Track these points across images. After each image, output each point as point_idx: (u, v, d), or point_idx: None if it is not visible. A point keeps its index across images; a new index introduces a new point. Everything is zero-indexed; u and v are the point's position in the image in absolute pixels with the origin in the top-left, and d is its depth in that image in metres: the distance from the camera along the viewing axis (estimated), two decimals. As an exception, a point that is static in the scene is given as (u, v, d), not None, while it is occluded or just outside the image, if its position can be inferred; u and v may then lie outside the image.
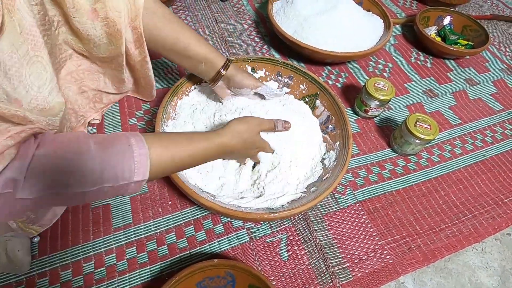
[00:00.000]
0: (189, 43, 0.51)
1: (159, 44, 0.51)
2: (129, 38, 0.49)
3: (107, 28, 0.46)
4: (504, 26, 0.98)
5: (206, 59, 0.52)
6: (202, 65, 0.53)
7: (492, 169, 0.64)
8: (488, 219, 0.56)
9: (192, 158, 0.40)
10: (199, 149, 0.40)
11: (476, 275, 0.51)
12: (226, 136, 0.44)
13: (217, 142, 0.43)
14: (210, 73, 0.54)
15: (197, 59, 0.52)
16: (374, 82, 0.64)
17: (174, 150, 0.38)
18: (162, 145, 0.37)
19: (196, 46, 0.51)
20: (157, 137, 0.38)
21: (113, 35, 0.47)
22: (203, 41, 0.52)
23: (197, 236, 0.50)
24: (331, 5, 0.77)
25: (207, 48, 0.52)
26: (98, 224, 0.50)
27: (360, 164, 0.61)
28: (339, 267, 0.49)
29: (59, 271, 0.45)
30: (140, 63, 0.54)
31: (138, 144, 0.34)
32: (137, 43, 0.51)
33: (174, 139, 0.39)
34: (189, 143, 0.40)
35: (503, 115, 0.74)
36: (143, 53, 0.53)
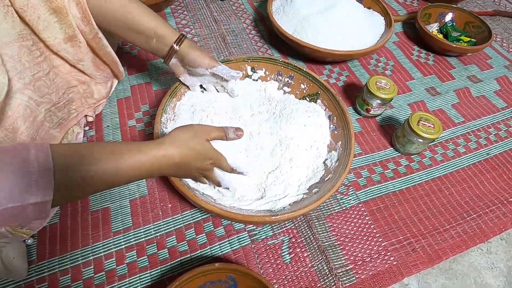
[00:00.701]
0: (139, 17, 0.48)
1: (107, 19, 0.48)
2: (75, 14, 0.46)
3: (49, 2, 0.43)
4: (507, 22, 0.97)
5: (157, 35, 0.50)
6: (154, 41, 0.50)
7: (496, 167, 0.63)
8: (493, 218, 0.55)
9: (121, 175, 0.33)
10: (131, 164, 0.34)
11: (482, 276, 0.51)
12: (168, 145, 0.38)
13: (157, 154, 0.36)
14: (164, 49, 0.51)
15: (148, 34, 0.50)
16: (376, 80, 0.63)
17: (93, 165, 0.31)
18: (77, 158, 0.30)
19: (146, 20, 0.49)
20: (70, 148, 0.31)
21: (58, 12, 0.44)
22: (153, 15, 0.50)
23: (197, 239, 0.49)
24: (331, 3, 0.76)
25: (158, 22, 0.49)
26: (97, 228, 0.49)
27: (363, 164, 0.61)
28: (342, 269, 0.48)
29: (58, 276, 0.45)
30: (94, 41, 0.51)
31: (39, 156, 0.28)
32: (84, 19, 0.47)
33: (94, 151, 0.32)
34: (116, 156, 0.33)
35: (507, 113, 0.72)
36: (93, 30, 0.49)
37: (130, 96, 0.66)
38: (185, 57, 0.51)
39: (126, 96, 0.66)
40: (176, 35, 0.50)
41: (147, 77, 0.70)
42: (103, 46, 0.53)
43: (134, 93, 0.67)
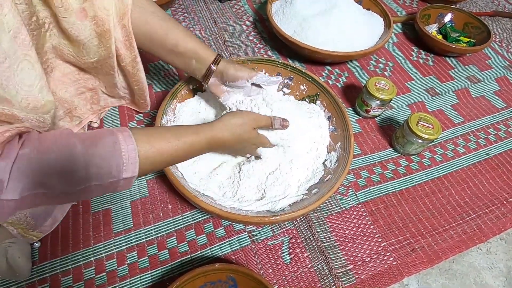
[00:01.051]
0: (179, 39, 0.50)
1: (148, 41, 0.50)
2: (118, 37, 0.48)
3: (96, 27, 0.45)
4: (506, 22, 0.97)
5: (196, 55, 0.51)
6: (193, 61, 0.52)
7: (496, 167, 0.63)
8: (492, 218, 0.56)
9: (182, 152, 0.39)
10: (188, 143, 0.40)
11: (481, 276, 0.51)
12: (218, 129, 0.43)
13: (208, 135, 0.42)
14: (202, 70, 0.52)
15: (187, 56, 0.51)
16: (375, 81, 0.64)
17: (163, 145, 0.37)
18: (150, 139, 0.36)
19: (186, 42, 0.50)
20: (144, 132, 0.37)
21: (102, 35, 0.46)
22: (193, 37, 0.51)
23: (198, 240, 0.50)
24: (331, 5, 0.77)
25: (197, 44, 0.51)
26: (98, 229, 0.49)
27: (362, 165, 0.61)
28: (342, 269, 0.48)
29: (60, 277, 0.45)
30: (131, 64, 0.53)
31: (126, 140, 0.33)
32: (126, 42, 0.49)
33: (162, 133, 0.38)
34: (177, 137, 0.39)
35: (506, 113, 0.73)
36: (133, 53, 0.51)
37: (130, 98, 0.67)
38: (224, 74, 0.53)
39: (127, 98, 0.67)
40: (213, 56, 0.52)
41: (148, 79, 0.70)
42: (137, 71, 0.55)
43: (134, 95, 0.67)
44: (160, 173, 0.56)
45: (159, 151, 0.37)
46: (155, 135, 0.37)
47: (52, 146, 0.31)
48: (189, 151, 0.41)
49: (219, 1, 0.93)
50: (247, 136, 0.46)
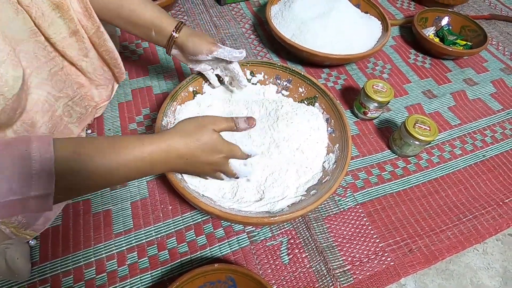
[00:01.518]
0: (135, 8, 0.47)
1: (105, 12, 0.48)
2: (76, 8, 0.46)
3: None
4: (503, 25, 0.98)
5: (155, 26, 0.48)
6: (153, 33, 0.49)
7: (492, 169, 0.63)
8: (489, 219, 0.56)
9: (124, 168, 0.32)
10: (135, 156, 0.33)
11: (478, 276, 0.51)
12: (172, 136, 0.36)
13: (160, 145, 0.35)
14: (163, 40, 0.50)
15: (146, 27, 0.49)
16: (373, 84, 0.64)
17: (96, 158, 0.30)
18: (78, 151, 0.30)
19: (143, 12, 0.48)
20: (73, 142, 0.31)
21: (60, 6, 0.43)
22: (151, 6, 0.48)
23: (197, 241, 0.50)
24: (329, 8, 0.77)
25: (154, 13, 0.48)
26: (99, 229, 0.50)
27: (360, 166, 0.61)
28: (340, 270, 0.49)
29: (61, 277, 0.45)
30: (96, 35, 0.50)
31: (41, 148, 0.28)
32: (86, 13, 0.47)
33: (96, 144, 0.32)
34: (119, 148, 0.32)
35: (503, 115, 0.73)
36: (95, 23, 0.49)
37: (131, 100, 0.67)
38: (184, 47, 0.50)
39: (127, 100, 0.67)
40: (173, 24, 0.49)
41: (148, 81, 0.71)
42: (104, 41, 0.52)
43: (135, 96, 0.68)
44: (160, 175, 0.56)
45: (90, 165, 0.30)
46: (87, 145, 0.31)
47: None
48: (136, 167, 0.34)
49: (219, 4, 0.93)
50: (210, 141, 0.39)
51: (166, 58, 0.76)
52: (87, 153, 0.30)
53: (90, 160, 0.30)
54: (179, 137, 0.37)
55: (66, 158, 0.29)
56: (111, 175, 0.32)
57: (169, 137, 0.36)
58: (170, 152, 0.36)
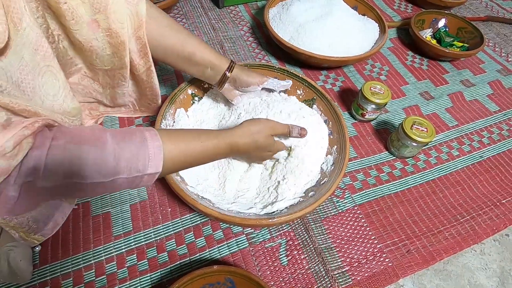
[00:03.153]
0: (195, 50, 0.52)
1: (164, 53, 0.52)
2: (133, 48, 0.49)
3: (109, 38, 0.46)
4: (499, 27, 0.99)
5: (212, 64, 0.53)
6: (208, 70, 0.54)
7: (489, 170, 0.64)
8: (486, 220, 0.57)
9: (202, 155, 0.41)
10: (209, 147, 0.41)
11: (475, 277, 0.52)
12: (238, 135, 0.44)
13: (228, 141, 0.43)
14: (216, 77, 0.55)
15: (203, 65, 0.53)
16: (370, 86, 0.65)
17: (185, 146, 0.39)
18: (174, 141, 0.38)
19: (201, 53, 0.52)
20: (169, 133, 0.39)
21: (116, 46, 0.47)
22: (207, 47, 0.53)
23: (196, 243, 0.50)
24: (326, 11, 0.78)
25: (211, 54, 0.53)
26: (98, 232, 0.50)
27: (358, 168, 0.62)
28: (338, 271, 0.49)
29: (60, 280, 0.45)
30: (145, 73, 0.54)
31: (152, 137, 0.35)
32: (141, 53, 0.51)
33: (185, 136, 0.40)
34: (200, 139, 0.41)
35: (500, 116, 0.74)
36: (148, 63, 0.52)
37: (130, 102, 0.68)
38: (237, 80, 0.55)
39: (126, 102, 0.67)
40: (227, 63, 0.54)
41: (147, 84, 0.72)
42: (152, 79, 0.56)
43: (134, 99, 0.68)
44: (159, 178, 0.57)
45: (181, 151, 0.38)
46: (179, 136, 0.39)
47: (85, 138, 0.32)
48: (210, 154, 0.42)
49: (217, 7, 0.94)
50: (264, 143, 0.47)
51: (165, 61, 0.77)
52: (181, 142, 0.39)
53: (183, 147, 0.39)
54: (245, 138, 0.45)
55: (168, 146, 0.37)
56: (195, 157, 0.41)
57: (238, 137, 0.44)
58: (233, 148, 0.44)
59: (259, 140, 0.46)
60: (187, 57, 0.52)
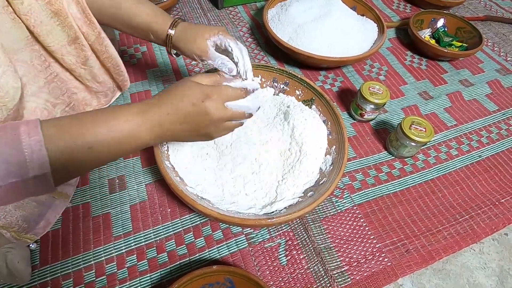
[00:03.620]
0: (130, 12, 0.46)
1: (103, 16, 0.48)
2: (75, 14, 0.46)
3: (50, 5, 0.42)
4: (498, 26, 0.99)
5: (151, 29, 0.47)
6: (151, 35, 0.48)
7: (488, 169, 0.64)
8: (485, 219, 0.57)
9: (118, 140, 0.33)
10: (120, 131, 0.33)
11: (474, 276, 0.52)
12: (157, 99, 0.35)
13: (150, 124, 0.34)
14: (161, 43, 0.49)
15: (143, 29, 0.48)
16: (369, 86, 0.65)
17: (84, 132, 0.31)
18: (65, 130, 0.30)
19: (138, 15, 0.47)
20: (61, 120, 0.32)
21: (58, 14, 0.43)
22: (145, 8, 0.47)
23: (196, 243, 0.51)
24: (325, 11, 0.78)
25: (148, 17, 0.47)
26: (98, 232, 0.50)
27: (357, 168, 0.62)
28: (337, 270, 0.49)
29: (61, 280, 0.46)
30: (97, 41, 0.50)
31: (30, 131, 0.29)
32: (85, 19, 0.47)
33: (83, 119, 0.32)
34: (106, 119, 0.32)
35: (498, 116, 0.74)
36: (95, 29, 0.48)
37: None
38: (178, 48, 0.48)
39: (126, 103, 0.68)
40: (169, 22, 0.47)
41: (147, 85, 0.72)
42: (106, 47, 0.51)
43: (134, 100, 0.69)
44: (159, 177, 0.57)
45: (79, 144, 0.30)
46: (74, 122, 0.31)
47: None
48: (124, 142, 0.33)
49: (217, 8, 0.94)
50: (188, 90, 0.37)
51: (164, 62, 0.77)
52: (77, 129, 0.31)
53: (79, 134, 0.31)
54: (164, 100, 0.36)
55: (56, 138, 0.30)
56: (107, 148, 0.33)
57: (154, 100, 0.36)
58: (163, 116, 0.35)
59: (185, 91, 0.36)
60: (125, 20, 0.47)
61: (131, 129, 0.33)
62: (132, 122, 0.34)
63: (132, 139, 0.34)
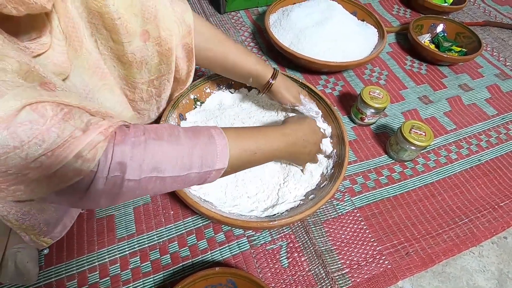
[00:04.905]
0: (237, 60, 0.54)
1: (208, 63, 0.55)
2: (179, 55, 0.50)
3: (158, 47, 0.46)
4: (497, 32, 1.00)
5: (253, 75, 0.56)
6: (250, 80, 0.57)
7: (487, 173, 0.65)
8: (484, 223, 0.57)
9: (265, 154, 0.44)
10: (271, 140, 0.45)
11: (474, 279, 0.52)
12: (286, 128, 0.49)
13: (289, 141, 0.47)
14: (259, 87, 0.58)
15: (246, 75, 0.56)
16: (369, 90, 0.66)
17: (249, 144, 0.42)
18: (239, 137, 0.41)
19: (243, 63, 0.55)
20: (233, 131, 0.42)
21: (164, 54, 0.47)
22: (250, 57, 0.55)
23: (199, 245, 0.51)
24: (326, 16, 0.79)
25: (253, 65, 0.55)
26: (102, 234, 0.51)
27: (358, 171, 0.63)
28: (338, 273, 0.50)
29: (65, 281, 0.46)
30: (185, 75, 0.55)
31: (218, 135, 0.38)
32: (186, 58, 0.52)
33: (248, 132, 0.43)
34: (263, 136, 0.44)
35: (498, 120, 0.75)
36: (190, 66, 0.54)
37: (133, 107, 0.69)
38: (274, 95, 0.58)
39: (129, 107, 0.69)
40: (270, 72, 0.56)
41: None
42: (189, 80, 0.56)
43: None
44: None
45: (246, 149, 0.41)
46: (243, 134, 0.42)
47: (161, 134, 0.35)
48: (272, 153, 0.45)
49: (219, 13, 0.96)
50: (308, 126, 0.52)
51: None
52: (245, 140, 0.42)
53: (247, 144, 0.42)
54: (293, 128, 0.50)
55: (233, 143, 0.40)
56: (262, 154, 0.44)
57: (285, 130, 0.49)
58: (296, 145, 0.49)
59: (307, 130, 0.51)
60: (229, 67, 0.55)
61: (279, 147, 0.46)
62: (279, 139, 0.47)
63: (276, 152, 0.46)
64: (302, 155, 0.52)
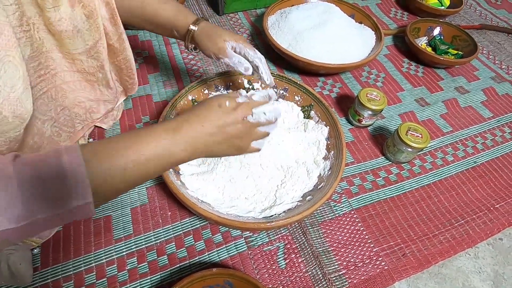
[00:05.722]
0: (155, 8, 0.49)
1: (128, 14, 0.50)
2: (104, 15, 0.48)
3: (84, 9, 0.44)
4: (493, 35, 1.01)
5: (175, 26, 0.49)
6: (174, 32, 0.51)
7: (483, 175, 0.65)
8: (480, 224, 0.58)
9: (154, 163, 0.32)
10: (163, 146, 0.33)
11: (470, 280, 0.53)
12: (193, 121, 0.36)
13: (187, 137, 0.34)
14: (182, 35, 0.51)
15: (167, 27, 0.50)
16: (367, 92, 0.66)
17: (124, 158, 0.31)
18: (107, 155, 0.30)
19: (161, 11, 0.49)
20: (99, 146, 0.31)
21: (90, 16, 0.45)
22: (169, 4, 0.50)
23: (196, 246, 0.51)
24: (324, 19, 0.80)
25: (172, 11, 0.49)
26: (99, 235, 0.51)
27: (355, 173, 0.63)
28: (335, 274, 0.50)
29: (61, 282, 0.46)
30: (118, 42, 0.52)
31: (72, 162, 0.28)
32: (112, 19, 0.49)
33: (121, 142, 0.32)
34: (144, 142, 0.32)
35: (493, 122, 0.76)
36: (119, 29, 0.50)
37: (131, 107, 0.69)
38: (200, 50, 0.51)
39: (127, 107, 0.69)
40: (193, 18, 0.50)
41: (148, 89, 0.73)
42: (124, 48, 0.53)
43: (135, 105, 0.69)
44: (160, 181, 0.58)
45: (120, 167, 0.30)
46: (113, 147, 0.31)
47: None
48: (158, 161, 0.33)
49: (217, 14, 0.96)
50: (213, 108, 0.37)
51: (165, 68, 0.78)
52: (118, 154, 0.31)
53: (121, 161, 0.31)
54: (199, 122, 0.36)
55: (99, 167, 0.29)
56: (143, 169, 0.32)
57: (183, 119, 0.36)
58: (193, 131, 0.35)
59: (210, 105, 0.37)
60: (149, 18, 0.50)
61: (164, 148, 0.33)
62: (165, 141, 0.33)
63: (164, 158, 0.34)
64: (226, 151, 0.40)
